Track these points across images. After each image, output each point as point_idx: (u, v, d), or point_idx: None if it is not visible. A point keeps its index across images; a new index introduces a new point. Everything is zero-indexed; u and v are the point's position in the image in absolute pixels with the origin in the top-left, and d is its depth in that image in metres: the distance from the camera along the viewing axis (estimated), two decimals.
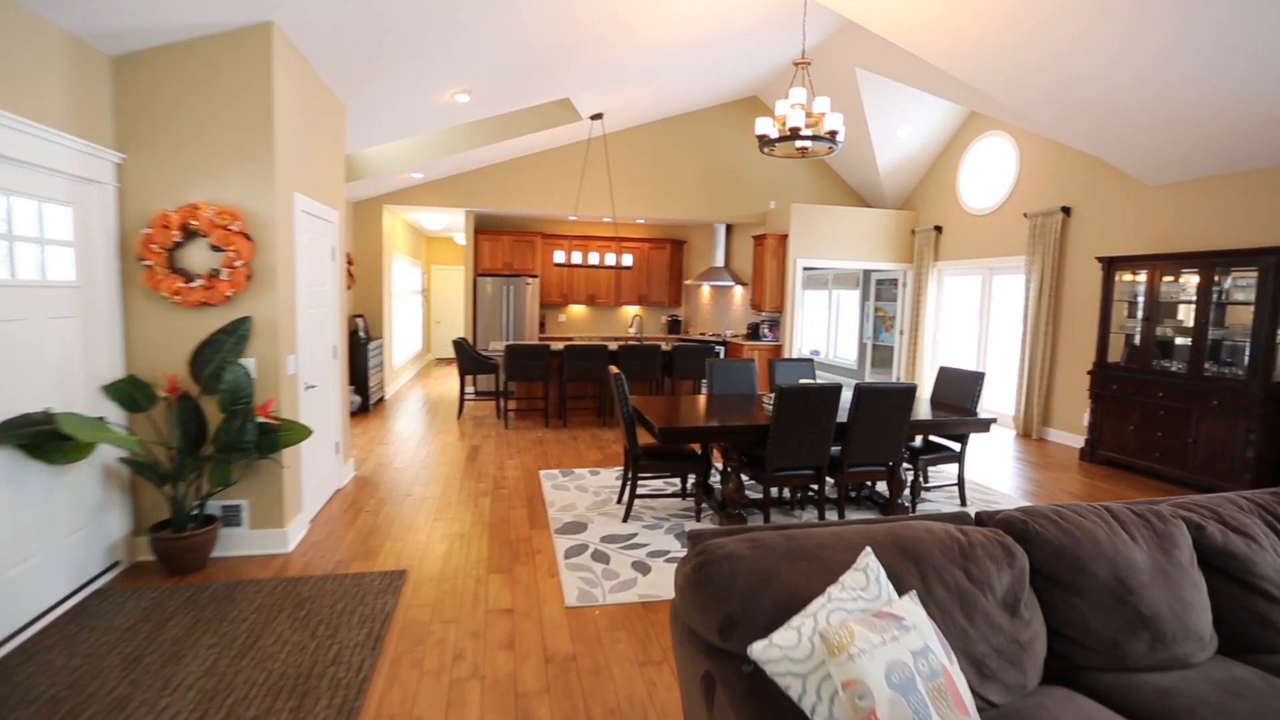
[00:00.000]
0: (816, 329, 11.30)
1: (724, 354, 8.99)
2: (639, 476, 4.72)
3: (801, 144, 4.16)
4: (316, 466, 3.99)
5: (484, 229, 9.30)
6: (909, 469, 4.40)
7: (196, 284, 3.11)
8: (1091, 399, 5.73)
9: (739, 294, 9.51)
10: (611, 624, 2.75)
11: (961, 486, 4.40)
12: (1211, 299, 4.82)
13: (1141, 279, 5.41)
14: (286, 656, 2.41)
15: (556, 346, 6.88)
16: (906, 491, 4.46)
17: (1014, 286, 7.31)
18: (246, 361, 3.26)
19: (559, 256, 8.20)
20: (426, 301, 12.51)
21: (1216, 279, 4.80)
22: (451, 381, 9.90)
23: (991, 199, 7.46)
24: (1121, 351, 5.61)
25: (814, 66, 7.23)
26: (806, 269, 8.71)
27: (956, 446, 4.37)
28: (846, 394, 4.29)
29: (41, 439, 2.50)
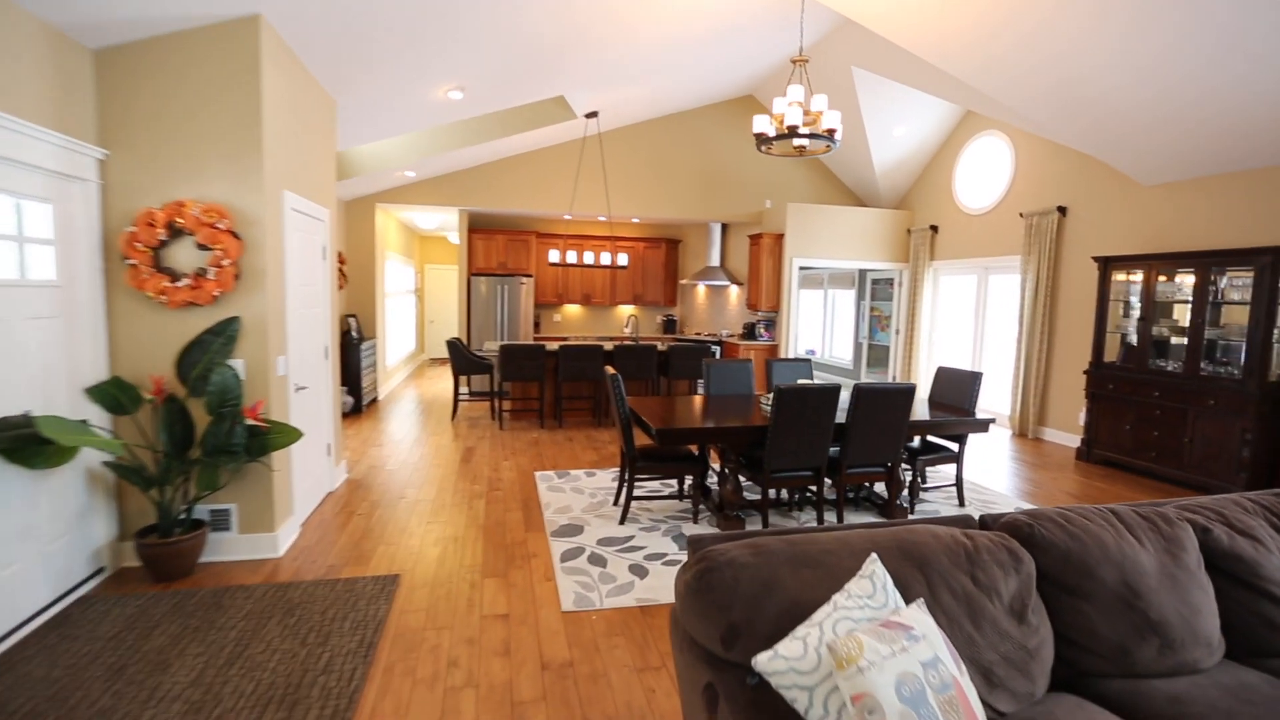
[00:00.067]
0: (812, 329, 11.28)
1: (720, 354, 8.95)
2: (635, 478, 4.67)
3: (799, 142, 4.13)
4: (308, 469, 3.92)
5: (478, 228, 9.22)
6: (907, 470, 4.37)
7: (183, 283, 3.04)
8: (1087, 399, 5.72)
9: (734, 293, 9.48)
10: (609, 629, 2.70)
11: (960, 487, 4.38)
12: (1207, 298, 4.82)
13: (1137, 279, 5.41)
14: (276, 665, 2.35)
15: (551, 347, 6.83)
16: (905, 492, 4.43)
17: (1010, 286, 7.31)
18: (235, 363, 3.19)
19: (554, 256, 8.14)
20: (420, 301, 12.42)
21: (1212, 279, 4.80)
22: (445, 382, 9.82)
23: (987, 199, 7.46)
24: (1117, 351, 5.61)
25: (809, 66, 7.20)
26: (802, 268, 8.68)
27: (954, 447, 4.35)
28: (845, 394, 4.26)
29: (21, 443, 2.44)
